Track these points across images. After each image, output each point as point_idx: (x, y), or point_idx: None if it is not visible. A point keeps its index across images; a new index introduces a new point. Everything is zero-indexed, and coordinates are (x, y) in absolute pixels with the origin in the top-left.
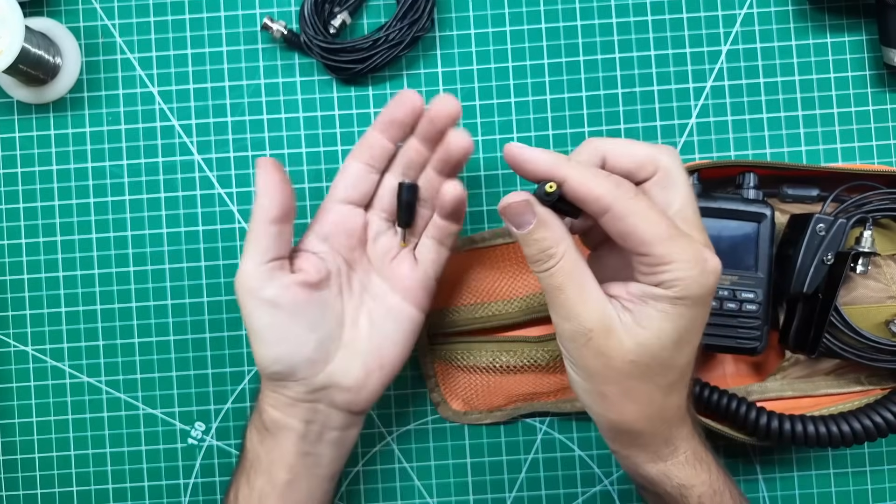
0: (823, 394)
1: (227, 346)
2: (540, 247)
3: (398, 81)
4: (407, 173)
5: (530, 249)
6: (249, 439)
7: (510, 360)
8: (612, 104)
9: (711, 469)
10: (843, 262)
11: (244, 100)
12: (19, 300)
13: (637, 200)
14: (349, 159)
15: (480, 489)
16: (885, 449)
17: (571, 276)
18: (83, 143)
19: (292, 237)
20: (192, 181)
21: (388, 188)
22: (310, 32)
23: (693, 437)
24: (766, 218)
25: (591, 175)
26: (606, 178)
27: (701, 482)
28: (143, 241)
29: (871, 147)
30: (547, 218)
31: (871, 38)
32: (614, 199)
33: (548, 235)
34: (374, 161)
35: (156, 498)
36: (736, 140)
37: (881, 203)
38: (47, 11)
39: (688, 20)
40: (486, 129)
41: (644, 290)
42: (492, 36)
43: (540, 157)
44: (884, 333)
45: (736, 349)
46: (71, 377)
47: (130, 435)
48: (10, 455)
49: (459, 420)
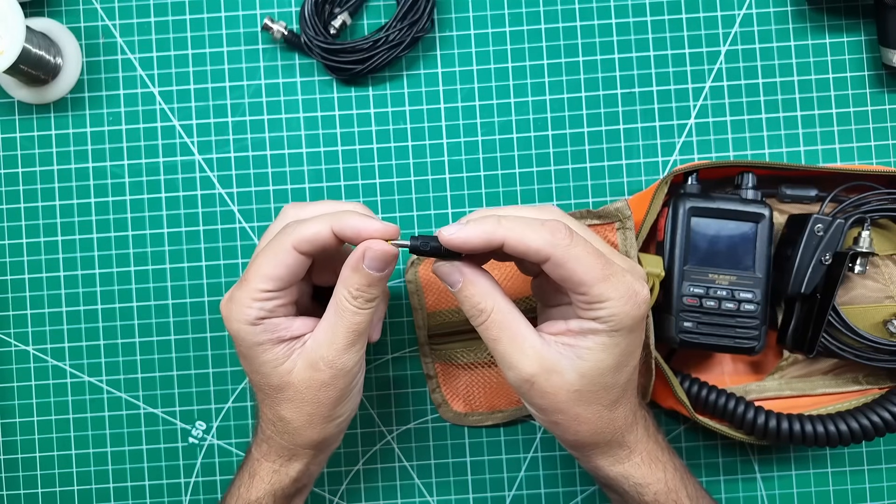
0: (821, 393)
1: (228, 346)
2: (470, 303)
3: (398, 82)
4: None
5: (464, 306)
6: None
7: None
8: (611, 104)
9: (667, 468)
10: (841, 262)
11: (245, 100)
12: (20, 300)
13: (572, 246)
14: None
15: (480, 487)
16: (883, 448)
17: (503, 327)
18: (84, 143)
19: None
20: (193, 181)
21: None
22: (310, 33)
23: (647, 437)
24: (765, 218)
25: (525, 230)
26: (540, 229)
27: (656, 480)
28: (144, 241)
29: (869, 147)
30: (472, 277)
31: (869, 38)
32: (552, 248)
33: (475, 292)
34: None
35: (157, 497)
36: (735, 140)
37: (879, 203)
38: (48, 12)
39: (687, 21)
40: (485, 130)
41: (583, 325)
42: (491, 36)
43: (474, 234)
44: (882, 333)
45: (734, 349)
46: (72, 376)
47: (131, 434)
48: (11, 454)
49: (461, 422)
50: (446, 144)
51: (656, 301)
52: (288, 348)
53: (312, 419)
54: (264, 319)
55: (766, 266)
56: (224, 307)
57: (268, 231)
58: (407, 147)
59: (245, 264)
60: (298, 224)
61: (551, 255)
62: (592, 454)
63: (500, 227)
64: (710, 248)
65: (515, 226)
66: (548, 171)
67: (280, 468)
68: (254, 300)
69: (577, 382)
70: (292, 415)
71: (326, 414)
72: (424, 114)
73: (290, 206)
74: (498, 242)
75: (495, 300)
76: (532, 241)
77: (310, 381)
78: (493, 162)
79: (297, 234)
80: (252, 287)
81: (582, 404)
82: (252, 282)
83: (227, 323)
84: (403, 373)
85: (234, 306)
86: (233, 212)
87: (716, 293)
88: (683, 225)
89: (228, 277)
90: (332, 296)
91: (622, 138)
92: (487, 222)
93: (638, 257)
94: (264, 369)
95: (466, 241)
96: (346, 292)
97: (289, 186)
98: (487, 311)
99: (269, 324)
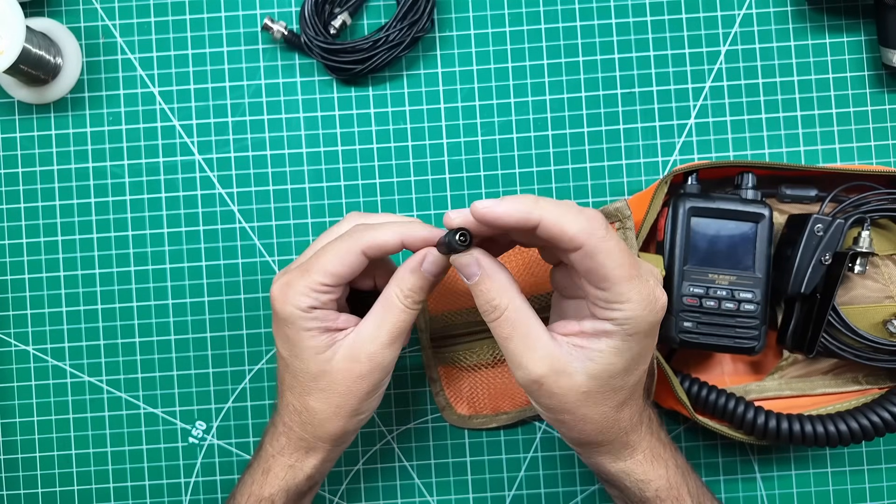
0: (821, 393)
1: (228, 346)
2: (485, 297)
3: (398, 82)
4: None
5: (478, 301)
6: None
7: None
8: (611, 104)
9: (669, 465)
10: (840, 262)
11: (245, 100)
12: (20, 300)
13: (607, 239)
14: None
15: (480, 487)
16: (883, 448)
17: (516, 326)
18: (84, 143)
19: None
20: (193, 181)
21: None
22: (310, 33)
23: (650, 435)
24: (765, 218)
25: (565, 214)
26: (578, 216)
27: (658, 477)
28: (144, 241)
29: (869, 147)
30: (491, 271)
31: (869, 38)
32: (588, 237)
33: (491, 287)
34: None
35: (157, 497)
36: (734, 140)
37: (879, 203)
38: (48, 12)
39: (687, 21)
40: (485, 130)
41: (597, 326)
42: (491, 36)
43: (511, 210)
44: (881, 333)
45: (734, 349)
46: (72, 376)
47: (131, 434)
48: (11, 454)
49: (465, 424)
50: (446, 144)
51: None
52: (331, 338)
53: (339, 411)
54: (316, 309)
55: (766, 266)
56: (279, 290)
57: (329, 231)
58: (407, 147)
59: (245, 264)
60: (368, 229)
61: (585, 244)
62: (595, 452)
63: (537, 207)
64: (709, 248)
65: (554, 208)
66: (548, 171)
67: (296, 462)
68: (312, 290)
69: (586, 384)
70: (321, 405)
71: (355, 407)
72: (424, 114)
73: (354, 213)
74: (534, 222)
75: (511, 297)
76: (569, 225)
77: (348, 371)
78: (493, 162)
79: (370, 238)
80: (313, 279)
81: (589, 405)
82: (314, 273)
83: (279, 304)
84: (403, 373)
85: (291, 291)
86: (233, 212)
87: (716, 293)
88: (683, 225)
89: (228, 277)
90: (382, 295)
91: (622, 138)
92: (525, 201)
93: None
94: (306, 354)
95: (501, 217)
96: (399, 290)
97: (289, 186)
98: (502, 308)
99: (319, 313)
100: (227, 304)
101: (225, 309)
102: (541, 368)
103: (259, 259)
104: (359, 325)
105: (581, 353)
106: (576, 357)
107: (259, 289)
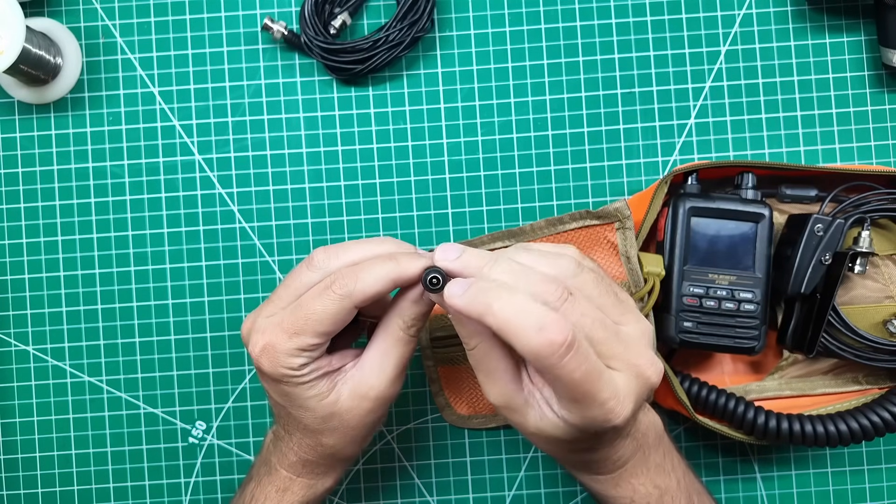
0: (821, 393)
1: (228, 346)
2: (459, 333)
3: (398, 82)
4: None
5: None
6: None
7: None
8: (611, 104)
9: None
10: (840, 262)
11: (245, 100)
12: (20, 300)
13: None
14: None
15: (480, 487)
16: (883, 448)
17: (479, 364)
18: (84, 143)
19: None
20: (193, 181)
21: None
22: (310, 33)
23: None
24: (765, 218)
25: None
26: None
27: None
28: (144, 241)
29: (869, 147)
30: (461, 317)
31: (869, 38)
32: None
33: (462, 331)
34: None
35: (157, 497)
36: (734, 140)
37: (879, 203)
38: (48, 12)
39: (687, 21)
40: (485, 130)
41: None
42: (491, 36)
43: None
44: (881, 333)
45: (734, 349)
46: (72, 376)
47: (131, 434)
48: (11, 454)
49: (464, 425)
50: (446, 144)
51: (656, 301)
52: (331, 381)
53: (355, 440)
54: (308, 364)
55: (766, 266)
56: (263, 355)
57: (294, 275)
58: (407, 147)
59: (245, 264)
60: (354, 279)
61: (541, 367)
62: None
63: (490, 313)
64: (709, 248)
65: (511, 318)
66: (548, 171)
67: (316, 482)
68: (303, 351)
69: (535, 434)
70: (334, 440)
71: (369, 433)
72: (424, 114)
73: (320, 251)
74: (489, 325)
75: (479, 341)
76: (524, 344)
77: (357, 408)
78: (493, 162)
79: (360, 292)
80: (304, 341)
81: (549, 444)
82: (304, 336)
83: (267, 368)
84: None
85: (279, 355)
86: (233, 212)
87: (716, 293)
88: (683, 225)
89: (228, 277)
90: (382, 327)
91: (622, 138)
92: (483, 294)
93: (638, 257)
94: (310, 403)
95: (454, 306)
96: (402, 321)
97: (289, 186)
98: (471, 346)
99: (313, 364)
100: (227, 304)
101: (225, 309)
102: (497, 401)
103: (259, 259)
104: (361, 360)
105: (539, 405)
106: (532, 406)
107: (259, 289)
